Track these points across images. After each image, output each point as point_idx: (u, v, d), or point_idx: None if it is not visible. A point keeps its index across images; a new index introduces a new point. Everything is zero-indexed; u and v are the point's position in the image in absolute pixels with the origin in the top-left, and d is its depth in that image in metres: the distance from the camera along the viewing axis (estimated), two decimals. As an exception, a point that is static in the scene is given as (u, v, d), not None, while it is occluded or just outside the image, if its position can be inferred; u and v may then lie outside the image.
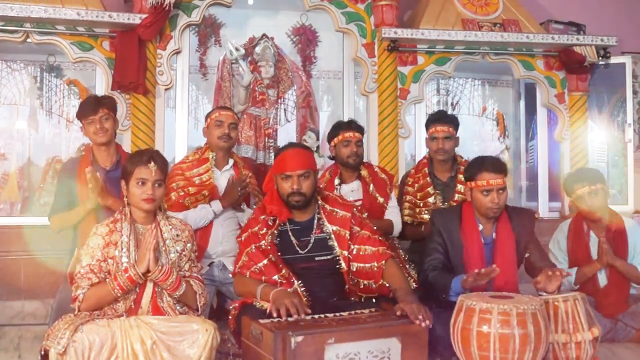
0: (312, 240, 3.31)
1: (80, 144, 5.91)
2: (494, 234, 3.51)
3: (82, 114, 3.82)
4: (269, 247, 3.23)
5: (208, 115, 4.10)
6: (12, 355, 3.45)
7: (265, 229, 3.27)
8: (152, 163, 3.05)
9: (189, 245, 3.19)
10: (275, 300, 2.97)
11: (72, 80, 6.03)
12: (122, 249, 3.01)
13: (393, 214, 4.17)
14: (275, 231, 3.29)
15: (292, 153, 3.31)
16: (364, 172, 4.18)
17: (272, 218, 3.30)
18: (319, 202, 3.39)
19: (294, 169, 3.23)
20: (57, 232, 3.85)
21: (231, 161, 4.09)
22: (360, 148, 4.11)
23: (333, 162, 4.24)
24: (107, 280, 2.95)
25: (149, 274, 2.96)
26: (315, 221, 3.36)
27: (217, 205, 3.87)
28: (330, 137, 4.16)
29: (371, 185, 4.12)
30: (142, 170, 3.05)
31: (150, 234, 2.98)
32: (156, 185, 3.06)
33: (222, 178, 3.97)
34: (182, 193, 3.85)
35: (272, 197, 3.35)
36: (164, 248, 3.09)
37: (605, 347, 3.50)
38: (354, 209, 3.43)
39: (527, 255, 3.53)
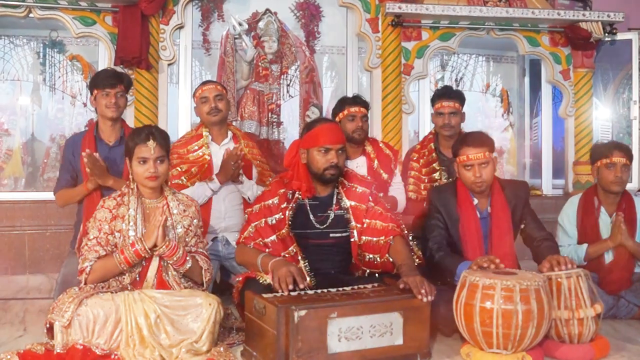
0: (331, 217, 3.32)
1: (82, 119, 5.93)
2: (489, 208, 3.50)
3: (98, 85, 3.76)
4: (281, 223, 3.22)
5: (194, 94, 4.08)
6: (17, 329, 3.47)
7: (285, 203, 3.27)
8: (151, 140, 3.05)
9: (195, 221, 3.20)
10: (274, 270, 2.98)
11: (75, 56, 6.01)
12: (129, 222, 3.04)
13: (397, 190, 4.16)
14: (293, 204, 3.28)
15: (330, 127, 3.28)
16: (368, 148, 4.17)
17: (291, 192, 3.29)
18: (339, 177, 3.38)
19: (334, 142, 3.22)
20: (62, 207, 3.92)
21: (230, 133, 4.08)
22: (366, 123, 4.10)
23: None
24: (114, 253, 2.98)
25: (156, 249, 2.98)
26: (335, 197, 3.36)
27: (213, 182, 3.87)
28: (335, 112, 4.13)
29: (375, 162, 4.11)
30: (142, 148, 3.05)
31: (160, 211, 3.02)
32: (158, 162, 3.06)
33: (221, 152, 3.94)
34: (175, 172, 3.86)
35: (297, 172, 3.31)
36: (170, 223, 3.10)
37: (608, 324, 3.50)
38: (373, 186, 3.45)
39: (522, 226, 3.55)
